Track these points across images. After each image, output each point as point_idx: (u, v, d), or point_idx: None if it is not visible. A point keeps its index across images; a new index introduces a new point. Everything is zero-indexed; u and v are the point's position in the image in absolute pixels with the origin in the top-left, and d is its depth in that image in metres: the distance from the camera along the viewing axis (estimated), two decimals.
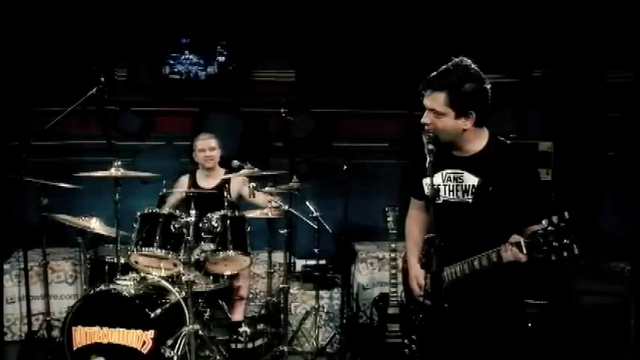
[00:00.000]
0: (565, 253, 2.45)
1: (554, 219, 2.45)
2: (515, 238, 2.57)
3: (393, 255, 4.84)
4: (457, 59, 2.73)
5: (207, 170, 5.23)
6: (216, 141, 5.20)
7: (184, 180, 5.31)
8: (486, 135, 2.80)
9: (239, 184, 5.18)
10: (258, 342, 4.79)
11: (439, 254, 2.64)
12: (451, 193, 2.80)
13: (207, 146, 5.17)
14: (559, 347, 4.58)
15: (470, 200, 2.76)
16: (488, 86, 2.72)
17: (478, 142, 2.78)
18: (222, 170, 5.21)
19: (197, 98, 6.07)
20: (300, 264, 5.60)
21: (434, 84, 2.70)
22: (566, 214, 2.44)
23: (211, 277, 4.64)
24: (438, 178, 2.83)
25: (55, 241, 5.21)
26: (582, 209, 5.67)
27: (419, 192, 3.00)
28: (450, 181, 2.81)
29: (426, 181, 2.78)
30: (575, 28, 5.67)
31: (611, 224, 5.72)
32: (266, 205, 4.77)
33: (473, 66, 2.71)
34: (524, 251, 2.53)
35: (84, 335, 4.07)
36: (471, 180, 2.76)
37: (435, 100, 2.69)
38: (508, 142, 2.85)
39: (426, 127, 2.73)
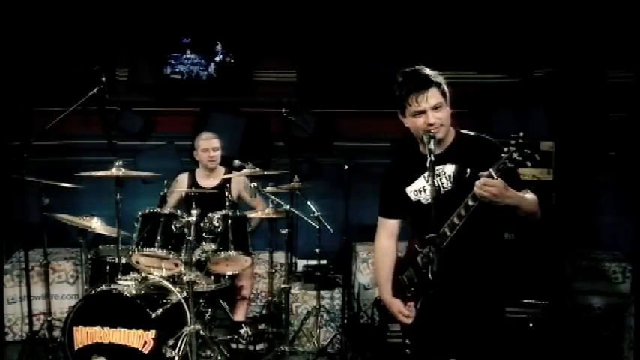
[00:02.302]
0: (529, 163, 2.56)
1: (512, 141, 2.56)
2: (482, 174, 2.62)
3: None
4: (407, 69, 2.90)
5: (209, 170, 5.21)
6: (218, 141, 5.18)
7: (183, 179, 5.27)
8: (453, 131, 2.94)
9: (239, 186, 5.17)
10: (260, 345, 4.78)
11: (440, 254, 2.68)
12: (446, 186, 2.88)
13: (210, 146, 5.13)
14: (559, 347, 4.59)
15: (450, 187, 2.86)
16: None
17: (450, 135, 2.92)
18: (223, 169, 5.20)
19: (198, 98, 6.07)
20: (301, 264, 5.61)
21: (425, 83, 2.83)
22: (521, 133, 2.56)
23: (212, 277, 4.64)
24: (421, 182, 2.95)
25: (56, 240, 5.22)
26: (583, 209, 5.67)
27: (395, 208, 3.12)
28: (440, 176, 2.89)
29: (410, 189, 2.96)
30: (577, 27, 5.66)
31: (612, 224, 5.72)
32: (262, 212, 4.81)
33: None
34: (495, 176, 2.58)
35: (85, 335, 4.08)
36: (449, 169, 2.88)
37: (434, 95, 2.82)
38: (472, 133, 2.97)
39: (435, 127, 2.81)
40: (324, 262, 5.24)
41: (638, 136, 5.53)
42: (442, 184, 2.88)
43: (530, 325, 4.60)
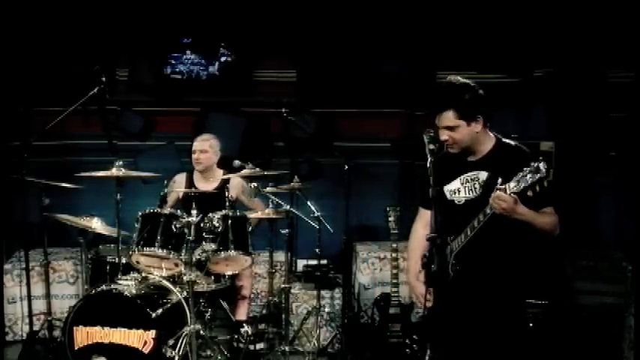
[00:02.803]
0: (537, 187, 2.74)
1: (532, 164, 2.73)
2: (498, 187, 2.84)
3: (394, 255, 4.85)
4: (445, 79, 3.09)
5: (201, 172, 5.19)
6: (212, 142, 5.14)
7: (181, 179, 5.24)
8: (493, 138, 3.12)
9: (237, 189, 5.16)
10: (260, 345, 4.78)
11: (440, 254, 2.76)
12: (470, 192, 3.09)
13: (198, 148, 5.10)
14: (559, 347, 4.59)
15: (479, 194, 3.05)
16: (482, 91, 3.04)
17: (487, 144, 3.11)
18: (221, 172, 5.17)
19: (198, 98, 6.06)
20: (301, 264, 5.61)
21: (439, 106, 3.02)
22: (540, 158, 2.74)
23: (212, 277, 4.63)
24: (456, 183, 3.14)
25: (56, 240, 5.23)
26: (583, 209, 5.67)
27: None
28: (468, 182, 3.10)
29: (447, 187, 3.15)
30: (577, 27, 5.66)
31: (612, 224, 5.72)
32: (262, 212, 4.81)
33: (462, 80, 3.06)
34: (508, 192, 2.79)
35: (85, 335, 4.08)
36: (482, 176, 3.07)
37: (446, 118, 3.00)
38: (512, 143, 3.15)
39: (447, 143, 3.03)
40: (324, 262, 5.25)
41: (638, 136, 5.53)
42: (475, 189, 3.07)
43: (530, 325, 4.60)
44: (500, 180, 2.89)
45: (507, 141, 3.14)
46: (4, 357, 4.83)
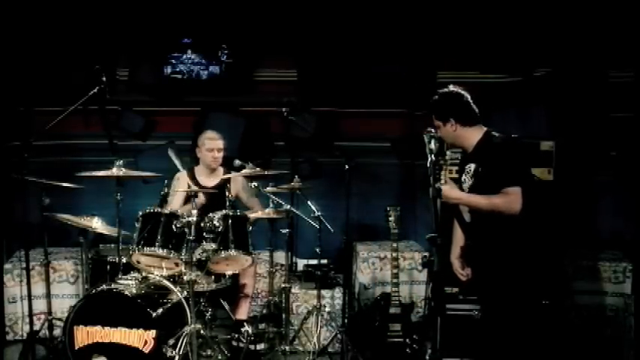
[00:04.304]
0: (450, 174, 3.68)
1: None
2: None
3: (394, 254, 4.85)
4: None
5: (211, 170, 5.19)
6: (223, 142, 5.16)
7: (183, 177, 5.22)
8: (481, 133, 3.59)
9: (238, 185, 5.17)
10: (260, 345, 4.78)
11: (440, 254, 2.82)
12: (469, 181, 3.58)
13: (216, 147, 5.10)
14: (559, 347, 4.59)
15: (472, 183, 3.55)
16: (464, 98, 3.59)
17: (473, 138, 3.59)
18: (222, 169, 5.19)
19: (198, 98, 6.06)
20: (301, 263, 5.62)
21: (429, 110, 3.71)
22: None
23: (213, 277, 4.64)
24: (464, 174, 3.64)
25: (56, 240, 5.23)
26: (583, 209, 5.67)
27: None
28: (468, 173, 3.60)
29: (462, 178, 3.64)
30: (577, 27, 5.66)
31: (612, 224, 5.72)
32: (262, 212, 4.82)
33: (452, 89, 3.63)
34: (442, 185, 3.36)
35: (85, 335, 4.09)
36: (472, 167, 3.58)
37: (434, 119, 3.64)
38: (497, 134, 3.60)
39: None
40: (324, 261, 5.25)
41: (638, 136, 5.53)
42: (471, 178, 3.55)
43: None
44: (480, 168, 3.47)
45: (494, 134, 3.60)
46: (4, 357, 4.83)
